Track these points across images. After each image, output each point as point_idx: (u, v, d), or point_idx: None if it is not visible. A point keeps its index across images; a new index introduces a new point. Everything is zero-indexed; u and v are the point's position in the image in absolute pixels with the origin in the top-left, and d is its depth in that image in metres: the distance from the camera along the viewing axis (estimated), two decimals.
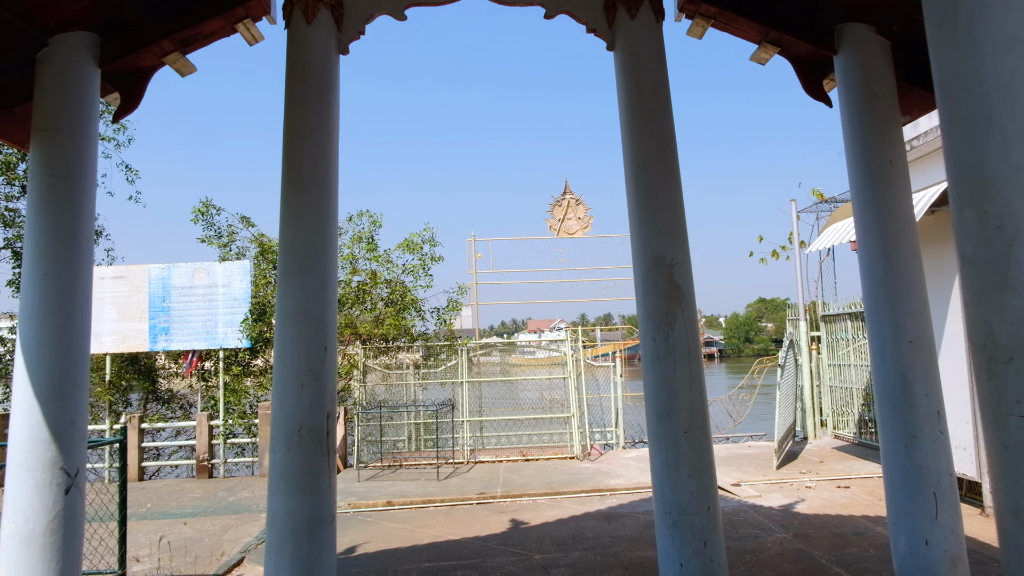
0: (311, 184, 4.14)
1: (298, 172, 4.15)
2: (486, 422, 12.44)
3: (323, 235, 4.12)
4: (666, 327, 4.10)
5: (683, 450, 4.01)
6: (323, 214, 4.14)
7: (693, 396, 4.07)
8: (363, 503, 9.01)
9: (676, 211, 4.23)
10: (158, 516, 9.06)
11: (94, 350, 12.03)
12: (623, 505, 8.52)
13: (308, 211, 4.11)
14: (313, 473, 3.92)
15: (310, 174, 4.15)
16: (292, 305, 4.03)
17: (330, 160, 4.22)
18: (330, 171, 4.21)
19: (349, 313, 13.27)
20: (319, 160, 4.17)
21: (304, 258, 4.06)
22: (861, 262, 4.42)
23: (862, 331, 11.58)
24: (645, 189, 4.23)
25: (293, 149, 4.17)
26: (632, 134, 4.32)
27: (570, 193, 13.78)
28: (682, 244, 4.22)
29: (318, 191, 4.14)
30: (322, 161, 4.18)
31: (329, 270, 4.14)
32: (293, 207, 4.13)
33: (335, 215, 4.24)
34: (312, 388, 3.97)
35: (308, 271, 4.05)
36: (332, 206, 4.21)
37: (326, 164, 4.19)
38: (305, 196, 4.12)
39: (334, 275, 4.21)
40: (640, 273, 4.22)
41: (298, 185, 4.13)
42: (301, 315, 4.01)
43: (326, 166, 4.19)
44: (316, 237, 4.10)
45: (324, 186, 4.16)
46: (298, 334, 4.00)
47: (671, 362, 4.07)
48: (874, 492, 8.54)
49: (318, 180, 4.15)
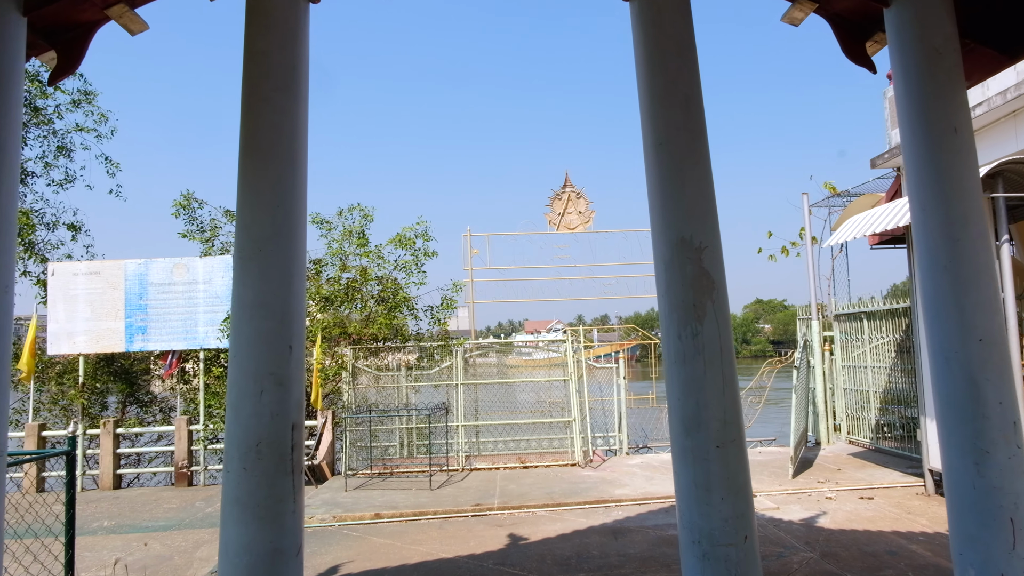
0: (273, 153, 3.50)
1: (258, 139, 3.50)
2: (482, 427, 11.79)
3: (288, 213, 3.48)
4: (694, 322, 3.47)
5: (715, 468, 3.38)
6: (288, 188, 3.49)
7: (726, 403, 3.43)
8: (349, 516, 8.36)
9: (704, 186, 3.60)
10: (127, 529, 8.39)
11: (66, 350, 11.36)
12: (630, 518, 7.88)
13: (270, 185, 3.47)
14: (274, 497, 3.28)
15: (273, 141, 3.51)
16: (250, 296, 3.38)
17: (297, 125, 3.58)
18: (297, 138, 3.57)
19: (338, 312, 12.61)
20: (283, 125, 3.53)
21: (264, 240, 3.42)
22: (919, 247, 3.79)
23: (880, 330, 10.98)
24: (668, 161, 3.60)
25: (252, 112, 3.53)
26: (652, 97, 3.69)
27: (570, 186, 13.15)
28: (712, 225, 3.59)
29: (281, 161, 3.50)
30: (287, 126, 3.54)
31: (295, 254, 3.49)
32: (252, 180, 3.48)
33: (303, 190, 3.60)
34: (273, 394, 3.33)
35: (269, 256, 3.41)
36: (299, 179, 3.56)
37: (292, 129, 3.55)
38: (266, 167, 3.48)
39: (301, 261, 3.57)
40: (663, 259, 3.59)
41: (258, 154, 3.49)
42: (260, 308, 3.37)
43: (292, 132, 3.55)
44: (279, 215, 3.45)
45: (289, 155, 3.52)
46: (256, 330, 3.36)
47: (700, 363, 3.44)
48: (900, 504, 7.92)
49: (282, 148, 3.51)
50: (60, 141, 14.65)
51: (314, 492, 9.89)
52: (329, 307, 12.34)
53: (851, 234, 8.89)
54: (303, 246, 3.61)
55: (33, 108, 13.95)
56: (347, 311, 12.36)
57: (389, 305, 12.23)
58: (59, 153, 14.67)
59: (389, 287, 12.31)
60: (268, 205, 3.45)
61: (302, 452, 3.47)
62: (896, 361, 10.61)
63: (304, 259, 3.62)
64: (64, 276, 11.26)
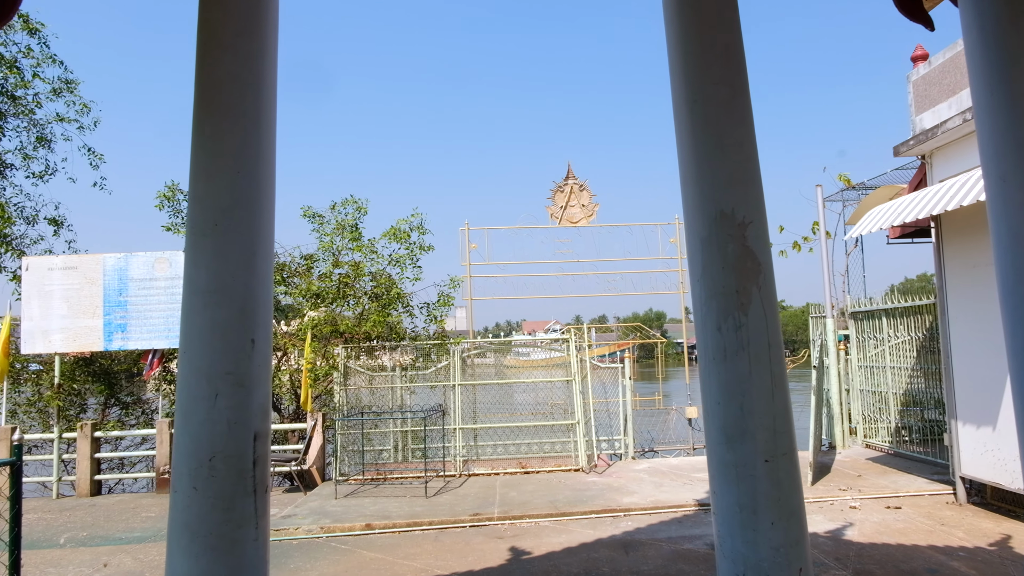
0: (234, 110, 2.92)
1: (216, 94, 2.93)
2: (481, 430, 11.21)
3: (251, 181, 2.91)
4: (736, 311, 2.91)
5: (763, 486, 2.81)
6: (251, 152, 2.92)
7: (776, 409, 2.87)
8: (338, 526, 7.78)
9: (747, 150, 3.04)
10: (99, 541, 7.80)
11: (41, 349, 10.75)
12: (641, 529, 7.31)
13: (229, 147, 2.90)
14: (231, 522, 2.71)
15: (234, 96, 2.93)
16: (204, 280, 2.81)
17: (262, 77, 3.01)
18: (262, 92, 3.00)
19: (330, 309, 12.03)
20: (246, 77, 2.96)
21: (222, 213, 2.85)
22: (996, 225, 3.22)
23: (899, 329, 10.43)
24: (704, 121, 3.04)
25: (210, 61, 2.96)
26: (685, 48, 3.12)
27: (573, 178, 12.57)
28: (756, 196, 3.02)
29: (244, 119, 2.93)
30: (250, 79, 2.97)
31: (259, 231, 2.92)
32: (207, 142, 2.91)
33: (270, 154, 3.02)
34: (231, 398, 2.76)
35: (227, 232, 2.84)
36: (264, 141, 2.99)
37: (256, 83, 2.98)
38: (225, 127, 2.91)
39: (267, 239, 2.99)
40: (698, 237, 3.02)
41: (216, 112, 2.92)
42: (216, 294, 2.80)
43: (257, 86, 2.98)
44: (240, 184, 2.88)
45: (253, 113, 2.95)
46: (211, 321, 2.79)
47: (744, 361, 2.88)
48: (931, 514, 7.37)
49: (245, 105, 2.94)
50: (40, 132, 14.06)
51: (303, 500, 9.31)
52: (319, 304, 11.75)
53: (875, 225, 8.33)
54: (270, 221, 3.04)
55: (11, 97, 13.35)
56: (339, 308, 11.77)
57: (383, 302, 11.65)
58: (39, 144, 14.08)
59: (383, 283, 11.72)
60: (227, 172, 2.88)
61: (267, 467, 2.89)
62: (918, 361, 10.06)
63: (271, 236, 3.05)
64: (39, 271, 10.66)
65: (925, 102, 8.77)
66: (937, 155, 8.56)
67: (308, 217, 12.98)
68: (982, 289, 7.43)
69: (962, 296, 7.78)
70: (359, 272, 11.80)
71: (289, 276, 12.83)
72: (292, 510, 8.68)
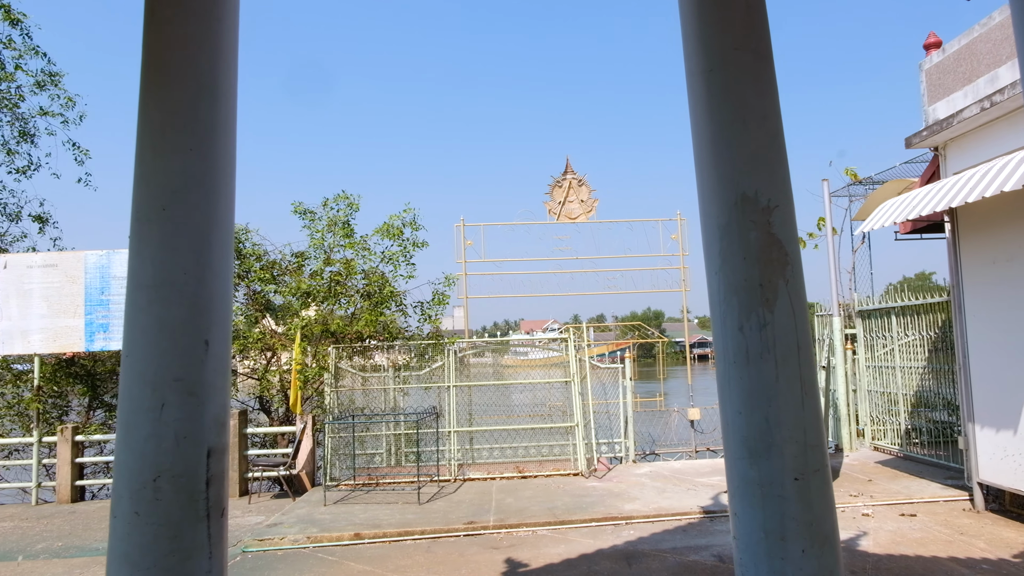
0: (187, 76, 2.55)
1: (166, 56, 2.56)
2: (476, 433, 10.84)
3: (206, 158, 2.54)
4: (761, 308, 2.55)
5: (792, 509, 2.45)
6: (205, 124, 2.55)
7: (807, 419, 2.51)
8: (325, 536, 7.41)
9: (773, 125, 2.67)
10: (74, 552, 7.42)
11: (20, 350, 10.36)
12: (644, 539, 6.96)
13: (180, 120, 2.53)
14: (179, 552, 2.34)
15: (187, 60, 2.56)
16: (149, 273, 2.44)
17: (221, 39, 2.64)
18: (220, 57, 2.63)
19: (321, 308, 11.66)
20: (202, 38, 2.59)
21: (171, 195, 2.48)
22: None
23: (910, 328, 10.09)
24: (723, 92, 2.67)
25: (159, 19, 2.59)
26: (701, 9, 2.76)
27: (572, 173, 12.19)
28: (782, 177, 2.66)
29: (199, 87, 2.56)
30: (206, 40, 2.60)
31: (215, 215, 2.55)
32: (155, 113, 2.54)
33: (228, 127, 2.65)
34: (181, 408, 2.39)
35: (176, 218, 2.47)
36: (223, 113, 2.62)
37: (213, 45, 2.61)
38: (176, 94, 2.53)
39: (225, 225, 2.62)
40: (716, 224, 2.66)
41: (165, 77, 2.55)
42: (163, 289, 2.43)
43: (214, 48, 2.61)
44: (192, 162, 2.51)
45: (209, 80, 2.58)
46: (157, 320, 2.42)
47: (770, 364, 2.52)
48: (948, 522, 7.02)
49: (199, 70, 2.57)
50: (23, 126, 13.67)
51: (290, 506, 8.94)
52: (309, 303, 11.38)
53: (887, 219, 7.98)
54: (229, 205, 2.66)
55: None
56: (330, 307, 11.40)
57: (375, 300, 11.26)
58: (22, 139, 13.70)
59: (375, 281, 11.34)
60: (176, 148, 2.50)
61: (224, 487, 2.52)
62: (929, 361, 9.71)
63: (230, 223, 2.67)
64: (18, 268, 10.27)
65: (939, 91, 8.42)
66: (952, 146, 8.21)
67: (299, 213, 12.61)
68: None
69: (980, 293, 7.43)
70: (351, 270, 11.42)
71: (280, 274, 12.46)
72: (279, 518, 8.31)
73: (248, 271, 11.88)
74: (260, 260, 12.16)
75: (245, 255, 12.02)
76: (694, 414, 11.74)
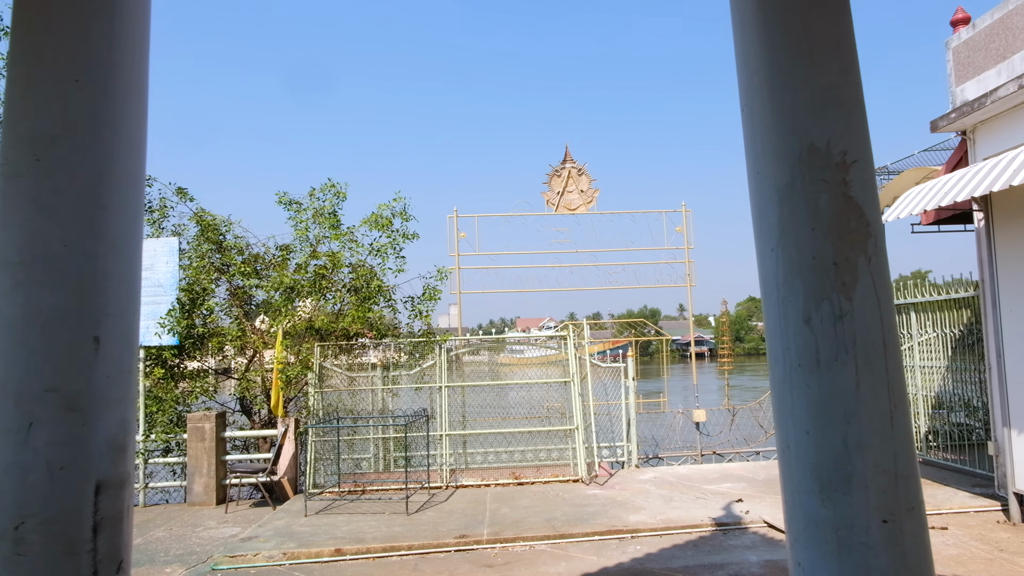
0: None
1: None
2: (470, 436, 10.22)
3: (97, 94, 1.91)
4: (835, 294, 1.93)
5: (881, 560, 1.85)
6: (99, 49, 1.92)
7: (898, 442, 1.90)
8: (303, 552, 6.78)
9: (848, 57, 2.06)
10: None
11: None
12: (652, 556, 6.35)
13: (63, 42, 1.90)
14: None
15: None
16: (15, 246, 1.82)
17: None
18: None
19: (307, 304, 11.01)
20: None
21: (48, 142, 1.85)
22: None
23: (930, 324, 9.50)
24: (784, 11, 2.06)
25: None
26: None
27: (571, 161, 11.58)
28: (860, 124, 2.05)
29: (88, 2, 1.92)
30: None
31: (111, 168, 1.92)
32: (28, 36, 1.91)
33: (136, 55, 2.02)
34: (55, 429, 1.76)
35: (56, 171, 1.84)
36: (125, 34, 1.98)
37: None
38: (55, 12, 1.90)
39: (131, 181, 1.98)
40: (773, 184, 2.04)
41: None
42: (34, 266, 1.80)
43: None
44: (78, 99, 1.88)
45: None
46: (23, 309, 1.79)
47: (848, 369, 1.91)
48: (984, 536, 6.43)
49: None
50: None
51: (269, 516, 8.31)
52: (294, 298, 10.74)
53: (912, 208, 7.38)
54: (133, 154, 2.02)
55: None
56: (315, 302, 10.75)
57: (362, 295, 10.63)
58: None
59: (363, 275, 10.69)
60: (56, 80, 1.88)
61: (123, 533, 1.89)
62: (953, 360, 9.13)
63: (137, 179, 2.04)
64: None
65: (968, 70, 7.82)
66: (982, 129, 7.61)
67: (284, 204, 11.95)
68: None
69: (1018, 288, 6.84)
70: (336, 263, 10.77)
71: (263, 268, 11.81)
72: (255, 530, 7.68)
73: (229, 264, 11.23)
74: (242, 253, 11.51)
75: (226, 248, 11.38)
76: (699, 416, 11.15)
